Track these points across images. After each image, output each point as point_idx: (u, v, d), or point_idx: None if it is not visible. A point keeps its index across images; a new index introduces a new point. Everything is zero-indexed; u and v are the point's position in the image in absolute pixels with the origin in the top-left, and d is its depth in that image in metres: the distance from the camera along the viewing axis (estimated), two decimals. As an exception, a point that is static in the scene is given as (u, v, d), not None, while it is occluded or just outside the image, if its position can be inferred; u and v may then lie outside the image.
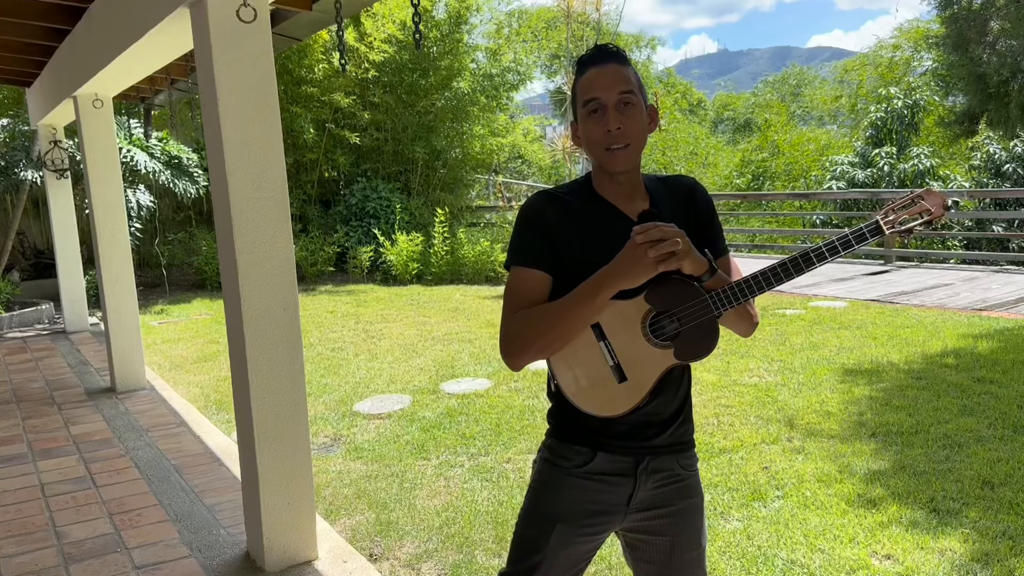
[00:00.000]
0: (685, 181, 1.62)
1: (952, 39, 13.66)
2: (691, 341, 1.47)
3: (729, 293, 1.44)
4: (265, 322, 2.77)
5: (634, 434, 1.54)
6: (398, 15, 12.55)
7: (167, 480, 3.80)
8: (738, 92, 44.70)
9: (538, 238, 1.52)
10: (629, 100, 1.48)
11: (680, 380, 1.58)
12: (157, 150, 10.03)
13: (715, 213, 1.60)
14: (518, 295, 1.51)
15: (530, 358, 1.49)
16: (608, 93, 1.47)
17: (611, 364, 1.48)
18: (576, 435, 1.56)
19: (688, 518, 1.60)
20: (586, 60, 1.53)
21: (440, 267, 11.53)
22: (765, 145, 22.71)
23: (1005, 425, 4.26)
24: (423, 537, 3.26)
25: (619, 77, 1.49)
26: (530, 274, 1.51)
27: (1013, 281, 8.89)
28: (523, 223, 1.55)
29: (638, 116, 1.49)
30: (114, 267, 5.44)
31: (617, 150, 1.48)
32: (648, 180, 1.60)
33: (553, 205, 1.54)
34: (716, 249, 1.56)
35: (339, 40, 2.97)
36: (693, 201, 1.58)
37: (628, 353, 1.48)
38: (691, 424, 1.62)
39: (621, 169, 1.51)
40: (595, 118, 1.49)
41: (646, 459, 1.55)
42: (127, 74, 4.62)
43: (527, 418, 4.74)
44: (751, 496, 3.52)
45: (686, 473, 1.60)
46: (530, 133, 19.59)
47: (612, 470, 1.55)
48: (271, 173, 2.75)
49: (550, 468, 1.59)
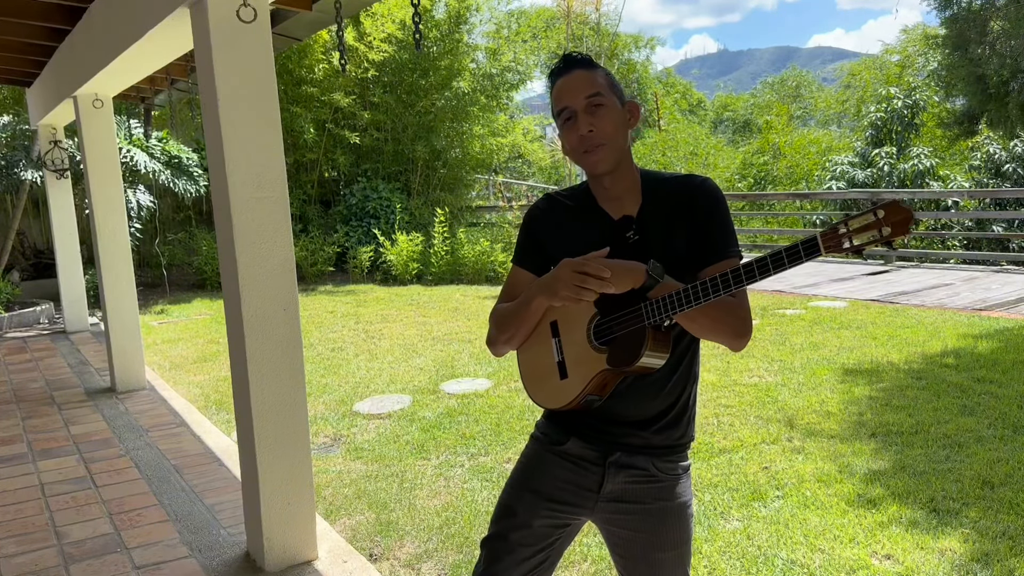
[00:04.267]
0: (691, 180, 1.56)
1: (952, 39, 13.67)
2: (620, 348, 1.46)
3: (662, 302, 1.39)
4: (265, 322, 2.77)
5: (600, 428, 1.60)
6: (398, 15, 12.54)
7: (167, 480, 3.80)
8: (738, 93, 44.71)
9: (530, 240, 1.66)
10: (598, 102, 1.50)
11: (662, 385, 1.55)
12: (157, 150, 10.03)
13: (717, 214, 1.52)
14: (507, 291, 1.68)
15: (501, 348, 1.66)
16: (576, 99, 1.50)
17: (557, 360, 1.57)
18: (557, 417, 1.66)
19: (661, 518, 1.59)
20: (553, 72, 1.56)
21: (440, 267, 11.53)
22: (766, 148, 22.70)
23: (1005, 425, 4.26)
24: (423, 537, 3.26)
25: (584, 82, 1.51)
26: (520, 274, 1.67)
27: (1013, 281, 8.90)
28: (523, 224, 1.69)
29: (610, 115, 1.50)
30: (114, 267, 5.44)
31: (592, 152, 1.50)
32: (650, 180, 1.58)
33: (550, 208, 1.65)
34: (711, 253, 1.50)
35: (339, 40, 2.97)
36: (692, 201, 1.53)
37: (573, 352, 1.55)
38: (679, 431, 1.60)
39: (602, 170, 1.53)
40: (569, 126, 1.53)
41: (616, 453, 1.59)
42: (127, 74, 4.62)
43: (527, 418, 4.74)
44: (751, 496, 3.51)
45: (664, 476, 1.59)
46: (530, 133, 19.61)
47: (582, 455, 1.62)
48: (271, 173, 2.75)
49: (534, 442, 1.71)
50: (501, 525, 1.64)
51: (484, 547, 1.66)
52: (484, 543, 1.67)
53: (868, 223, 1.21)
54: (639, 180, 1.57)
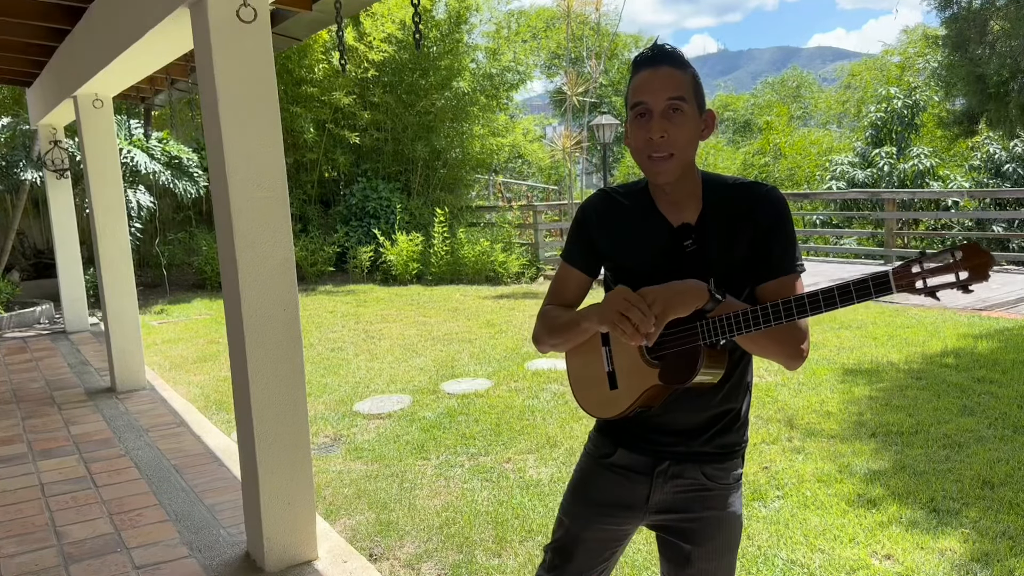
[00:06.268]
0: (756, 189, 1.48)
1: (952, 39, 13.67)
2: (673, 365, 1.43)
3: (717, 323, 1.36)
4: (265, 322, 2.77)
5: (648, 438, 1.58)
6: (397, 14, 12.54)
7: (167, 480, 3.80)
8: (739, 93, 44.68)
9: (582, 239, 1.61)
10: (678, 107, 1.40)
11: (712, 395, 1.52)
12: (157, 150, 10.02)
13: (781, 228, 1.45)
14: (554, 288, 1.66)
15: (547, 348, 1.64)
16: (656, 98, 1.40)
17: (607, 370, 1.55)
18: (605, 429, 1.65)
19: (710, 527, 1.57)
20: (640, 60, 1.45)
21: (440, 267, 11.53)
22: (767, 149, 22.68)
23: (1005, 425, 4.26)
24: (423, 537, 3.26)
25: (670, 82, 1.40)
26: (568, 271, 1.63)
27: (1013, 281, 8.90)
28: (576, 221, 1.63)
29: (687, 124, 1.41)
30: (114, 267, 5.44)
31: (659, 159, 1.41)
32: (712, 183, 1.51)
33: (605, 206, 1.58)
34: (771, 268, 1.45)
35: (339, 40, 2.97)
36: (754, 211, 1.46)
37: (624, 363, 1.52)
38: (730, 438, 1.57)
39: (663, 180, 1.44)
40: (640, 122, 1.42)
41: (664, 462, 1.56)
42: (127, 74, 4.62)
43: (527, 418, 4.74)
44: (751, 496, 3.51)
45: (713, 484, 1.56)
46: (530, 133, 19.58)
47: (630, 465, 1.60)
48: (271, 173, 2.75)
49: (586, 456, 1.70)
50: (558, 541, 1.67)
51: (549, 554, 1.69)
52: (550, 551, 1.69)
53: (945, 264, 1.15)
54: (700, 184, 1.50)
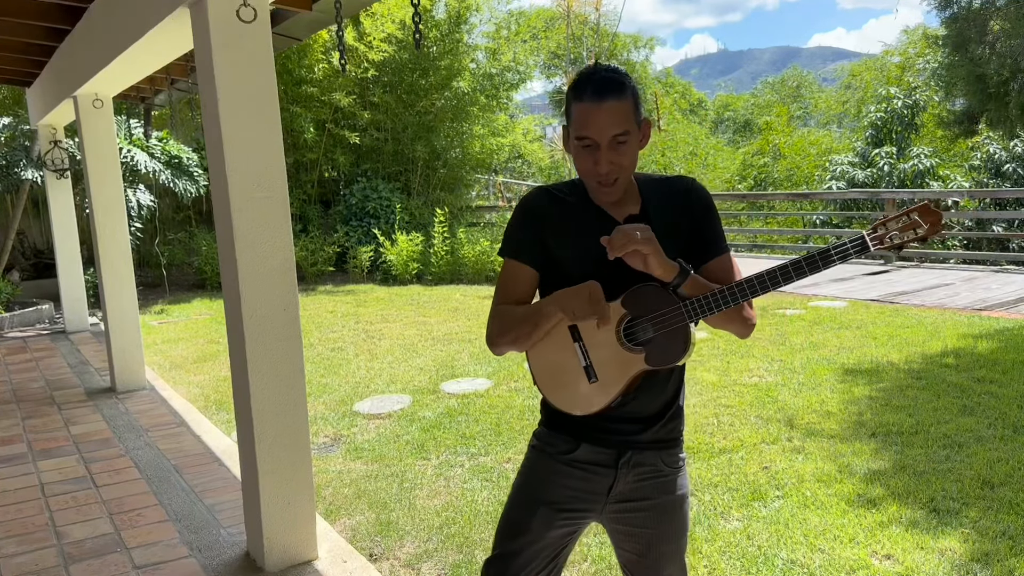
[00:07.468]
0: (682, 182, 1.62)
1: (952, 39, 13.67)
2: (661, 347, 1.50)
3: (703, 302, 1.45)
4: (265, 322, 2.77)
5: (615, 429, 1.59)
6: (397, 14, 12.54)
7: (167, 480, 3.80)
8: (739, 93, 44.71)
9: (531, 234, 1.58)
10: (624, 140, 1.45)
11: (666, 381, 1.60)
12: (157, 150, 10.02)
13: (712, 212, 1.59)
14: (504, 287, 1.61)
15: (503, 348, 1.60)
16: (602, 135, 1.43)
17: (583, 364, 1.54)
18: (562, 425, 1.63)
19: (667, 512, 1.63)
20: (581, 92, 1.44)
21: (440, 267, 11.53)
22: (766, 149, 22.68)
23: (1005, 425, 4.26)
24: (423, 537, 3.26)
25: (615, 118, 1.42)
26: (518, 268, 1.59)
27: (1013, 281, 8.90)
28: (520, 216, 1.60)
29: (631, 148, 1.47)
30: (114, 267, 5.44)
31: (607, 184, 1.49)
32: (644, 181, 1.60)
33: (551, 203, 1.58)
34: (711, 249, 1.57)
35: (339, 40, 2.97)
36: (688, 201, 1.58)
37: (601, 355, 1.53)
38: (679, 422, 1.65)
39: (608, 200, 1.54)
40: (586, 152, 1.47)
41: (628, 453, 1.60)
42: (127, 74, 4.62)
43: (527, 418, 4.74)
44: (751, 496, 3.51)
45: (669, 470, 1.63)
46: (530, 133, 19.59)
47: (594, 460, 1.61)
48: (271, 173, 2.75)
49: (537, 454, 1.67)
50: (513, 543, 1.62)
51: (491, 567, 1.63)
52: (491, 563, 1.64)
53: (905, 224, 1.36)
54: (635, 183, 1.59)
